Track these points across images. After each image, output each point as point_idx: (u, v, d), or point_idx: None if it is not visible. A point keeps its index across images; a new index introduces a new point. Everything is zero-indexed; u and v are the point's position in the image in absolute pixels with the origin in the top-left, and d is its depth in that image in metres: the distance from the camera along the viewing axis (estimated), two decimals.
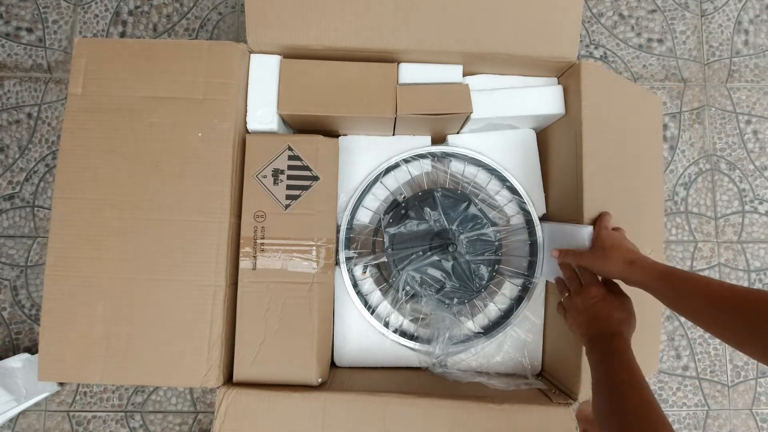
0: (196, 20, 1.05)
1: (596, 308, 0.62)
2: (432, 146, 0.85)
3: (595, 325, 0.61)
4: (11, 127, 1.01)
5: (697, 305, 0.52)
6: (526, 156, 0.87)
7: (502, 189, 0.87)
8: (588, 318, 0.62)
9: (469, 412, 0.67)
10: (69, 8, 1.04)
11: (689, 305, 0.53)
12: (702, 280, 0.54)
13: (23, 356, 0.89)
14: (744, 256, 1.02)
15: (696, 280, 0.54)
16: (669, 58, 1.06)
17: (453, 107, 0.76)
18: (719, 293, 0.51)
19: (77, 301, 0.69)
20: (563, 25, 0.75)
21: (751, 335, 0.47)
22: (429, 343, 0.79)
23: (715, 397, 0.97)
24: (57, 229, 0.70)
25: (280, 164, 0.73)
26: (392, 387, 0.70)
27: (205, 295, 0.69)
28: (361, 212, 0.84)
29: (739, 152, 1.03)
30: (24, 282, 0.98)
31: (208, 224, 0.70)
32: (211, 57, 0.72)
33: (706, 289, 0.52)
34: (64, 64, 1.03)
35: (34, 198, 0.99)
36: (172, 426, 0.95)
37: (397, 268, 0.80)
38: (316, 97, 0.75)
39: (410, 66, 0.78)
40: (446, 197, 0.82)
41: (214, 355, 0.68)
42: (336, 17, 0.73)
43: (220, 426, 0.66)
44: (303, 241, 0.72)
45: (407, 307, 0.81)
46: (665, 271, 0.57)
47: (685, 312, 0.54)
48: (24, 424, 0.94)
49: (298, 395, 0.67)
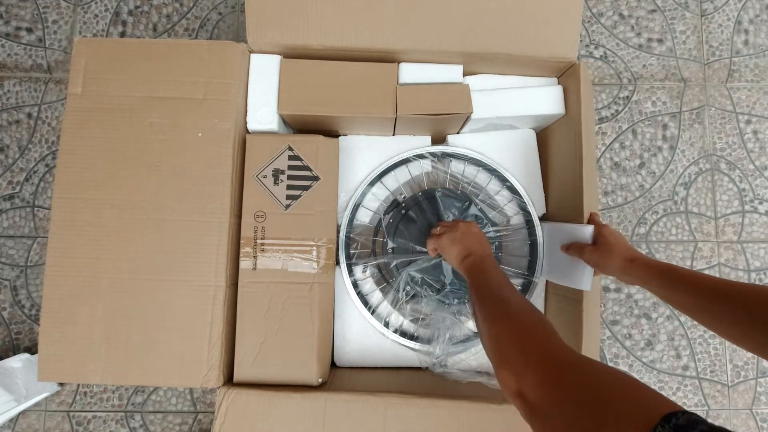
0: (196, 20, 1.04)
1: (466, 238, 0.67)
2: (432, 146, 0.85)
3: (467, 248, 0.66)
4: (11, 127, 1.01)
5: (694, 298, 0.53)
6: (526, 156, 0.87)
7: (502, 189, 0.87)
8: (463, 246, 0.67)
9: (469, 412, 0.67)
10: (69, 8, 1.04)
11: (686, 299, 0.54)
12: (699, 275, 0.55)
13: (23, 356, 0.89)
14: (744, 255, 1.02)
15: (693, 275, 0.56)
16: (669, 58, 1.06)
17: (453, 107, 0.76)
18: (716, 286, 0.52)
19: (77, 301, 0.69)
20: (563, 25, 0.75)
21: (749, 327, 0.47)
22: (429, 343, 0.79)
23: (715, 397, 0.97)
24: (57, 229, 0.69)
25: (280, 164, 0.73)
26: (392, 387, 0.70)
27: (206, 296, 0.69)
28: (362, 212, 0.84)
29: (739, 152, 1.03)
30: (24, 282, 0.98)
31: (208, 224, 0.70)
32: (211, 57, 0.72)
33: (702, 282, 0.53)
34: (63, 64, 1.03)
35: (34, 198, 0.99)
36: (172, 426, 0.95)
37: (398, 269, 0.80)
38: (317, 97, 0.75)
39: (410, 66, 0.78)
40: (446, 197, 0.82)
41: (215, 355, 0.68)
42: (336, 17, 0.73)
43: (221, 426, 0.66)
44: (303, 241, 0.72)
45: (407, 307, 0.81)
46: (664, 267, 0.59)
47: (683, 306, 0.56)
48: (24, 424, 0.94)
49: (299, 395, 0.67)
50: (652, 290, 0.60)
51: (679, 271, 0.57)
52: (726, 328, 0.51)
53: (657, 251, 1.00)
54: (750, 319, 0.47)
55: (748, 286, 0.50)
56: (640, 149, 1.03)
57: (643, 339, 0.98)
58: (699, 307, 0.53)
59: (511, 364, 0.42)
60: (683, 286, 0.55)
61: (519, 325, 0.47)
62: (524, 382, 0.39)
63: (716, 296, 0.51)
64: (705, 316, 0.53)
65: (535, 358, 0.41)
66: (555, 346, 0.41)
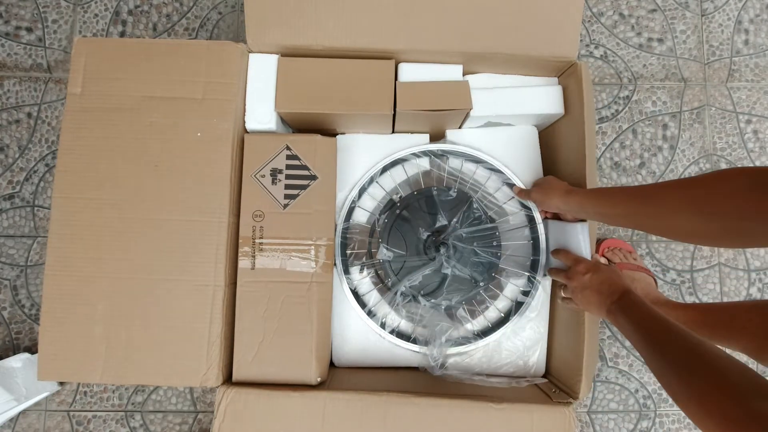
0: (196, 20, 1.04)
1: (594, 281, 0.65)
2: (430, 144, 0.84)
3: (604, 295, 0.63)
4: (11, 126, 1.01)
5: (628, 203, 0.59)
6: (527, 152, 0.86)
7: (502, 186, 0.86)
8: (594, 292, 0.64)
9: (468, 411, 0.67)
10: (69, 8, 1.04)
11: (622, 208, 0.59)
12: (627, 187, 0.62)
13: (23, 356, 0.89)
14: (744, 255, 1.01)
15: (622, 187, 0.64)
16: (669, 58, 1.05)
17: (452, 104, 0.76)
18: (642, 189, 0.58)
19: (77, 301, 0.69)
20: (563, 25, 0.75)
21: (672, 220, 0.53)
22: (427, 345, 0.79)
23: None
24: (57, 229, 0.70)
25: (278, 164, 0.73)
26: (392, 386, 0.70)
27: (205, 295, 0.69)
28: (358, 212, 0.84)
29: (740, 152, 1.03)
30: (24, 282, 0.98)
31: (207, 224, 0.70)
32: (210, 57, 0.72)
33: (635, 189, 0.59)
34: (63, 64, 1.03)
35: (34, 198, 0.99)
36: (172, 426, 0.95)
37: (393, 270, 0.79)
38: (314, 95, 0.75)
39: (410, 66, 0.78)
40: (442, 196, 0.81)
41: (214, 354, 0.68)
42: (335, 17, 0.73)
43: (220, 425, 0.66)
44: (301, 241, 0.72)
45: (404, 310, 0.80)
46: (597, 189, 0.66)
47: (622, 218, 0.61)
48: (24, 423, 0.94)
49: (298, 395, 0.67)
50: (589, 214, 0.69)
51: (610, 188, 0.63)
52: (650, 226, 0.58)
53: (657, 251, 1.00)
54: (670, 212, 0.53)
55: (667, 182, 0.57)
56: (640, 149, 1.03)
57: None
58: (625, 212, 0.59)
59: (729, 424, 0.39)
60: (620, 196, 0.60)
61: (725, 379, 0.42)
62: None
63: (640, 197, 0.57)
64: (632, 219, 0.60)
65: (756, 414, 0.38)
66: None
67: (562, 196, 0.70)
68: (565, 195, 0.70)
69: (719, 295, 1.00)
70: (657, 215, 0.54)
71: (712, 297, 1.00)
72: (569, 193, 0.70)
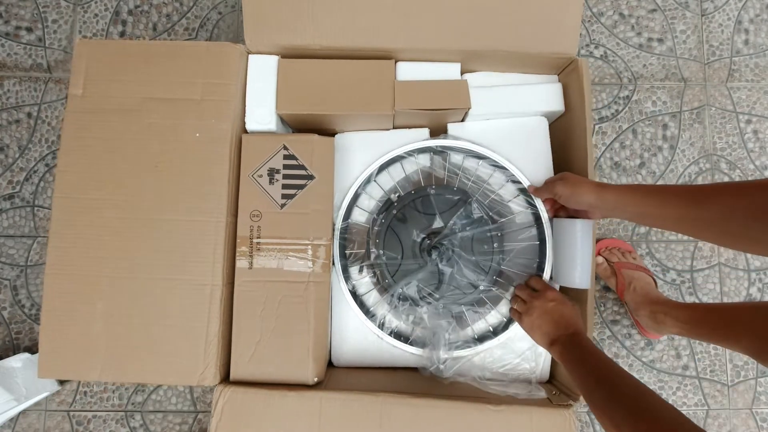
0: (196, 20, 1.05)
1: (557, 310, 0.67)
2: (429, 140, 0.82)
3: (559, 326, 0.65)
4: (11, 126, 1.01)
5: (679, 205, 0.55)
6: (536, 145, 0.80)
7: (507, 183, 0.81)
8: (550, 320, 0.66)
9: (466, 412, 0.67)
10: (69, 8, 1.05)
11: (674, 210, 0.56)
12: (668, 186, 0.59)
13: (23, 356, 0.90)
14: (744, 255, 1.01)
15: (664, 187, 0.59)
16: (669, 58, 1.05)
17: (451, 102, 0.76)
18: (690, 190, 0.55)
19: (77, 300, 0.69)
20: (563, 21, 0.75)
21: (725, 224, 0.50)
22: (425, 347, 0.78)
23: (715, 397, 0.97)
24: (57, 229, 0.70)
25: (275, 164, 0.73)
26: (389, 387, 0.70)
27: (203, 294, 0.69)
28: (357, 212, 0.83)
29: (740, 152, 1.03)
30: (24, 282, 0.98)
31: (205, 224, 0.70)
32: (209, 58, 0.73)
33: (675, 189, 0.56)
34: (63, 64, 1.03)
35: (34, 198, 1.00)
36: (172, 425, 0.95)
37: (389, 272, 0.79)
38: (315, 96, 0.75)
39: (408, 65, 0.78)
40: (441, 195, 0.80)
41: (211, 353, 0.69)
42: (334, 17, 0.73)
43: (217, 424, 0.66)
44: (299, 241, 0.72)
45: (403, 314, 0.80)
46: (636, 186, 0.62)
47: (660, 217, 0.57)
48: (24, 423, 0.94)
49: (295, 394, 0.67)
50: (626, 213, 0.62)
51: (649, 186, 0.60)
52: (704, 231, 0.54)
53: (657, 251, 1.00)
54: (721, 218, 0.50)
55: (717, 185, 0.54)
56: (640, 149, 1.03)
57: (643, 339, 0.98)
58: (676, 215, 0.55)
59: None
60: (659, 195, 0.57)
61: None
62: None
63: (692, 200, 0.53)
64: (683, 223, 0.55)
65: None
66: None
67: (595, 191, 0.64)
68: (600, 190, 0.63)
69: (719, 295, 1.00)
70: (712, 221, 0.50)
71: (712, 297, 1.00)
72: (603, 188, 0.63)
